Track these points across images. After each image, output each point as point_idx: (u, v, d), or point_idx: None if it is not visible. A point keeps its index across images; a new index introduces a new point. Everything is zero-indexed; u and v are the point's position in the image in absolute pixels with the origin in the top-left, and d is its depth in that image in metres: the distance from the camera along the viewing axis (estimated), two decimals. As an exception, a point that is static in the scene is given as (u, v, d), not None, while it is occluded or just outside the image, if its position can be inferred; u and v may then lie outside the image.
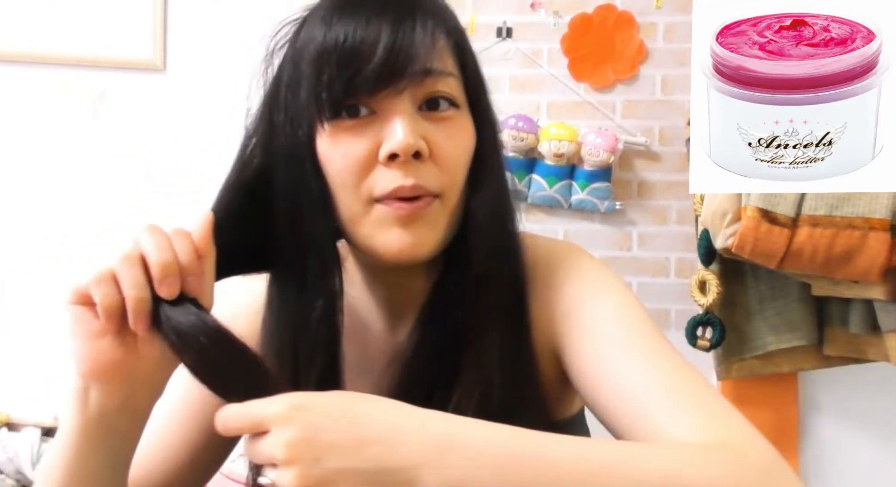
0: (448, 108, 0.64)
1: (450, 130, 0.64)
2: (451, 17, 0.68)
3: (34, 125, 2.02)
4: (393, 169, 0.61)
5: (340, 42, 0.61)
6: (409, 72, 0.61)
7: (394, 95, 0.61)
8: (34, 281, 2.00)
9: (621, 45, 1.99)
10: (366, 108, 0.62)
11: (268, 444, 0.47)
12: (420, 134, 0.61)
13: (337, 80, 0.60)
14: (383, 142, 0.61)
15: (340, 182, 0.62)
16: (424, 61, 0.61)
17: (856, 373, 1.84)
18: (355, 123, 0.62)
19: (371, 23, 0.61)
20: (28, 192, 2.03)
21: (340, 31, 0.61)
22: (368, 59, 0.60)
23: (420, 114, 0.62)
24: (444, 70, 0.63)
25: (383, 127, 0.61)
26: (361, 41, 0.60)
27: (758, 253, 1.57)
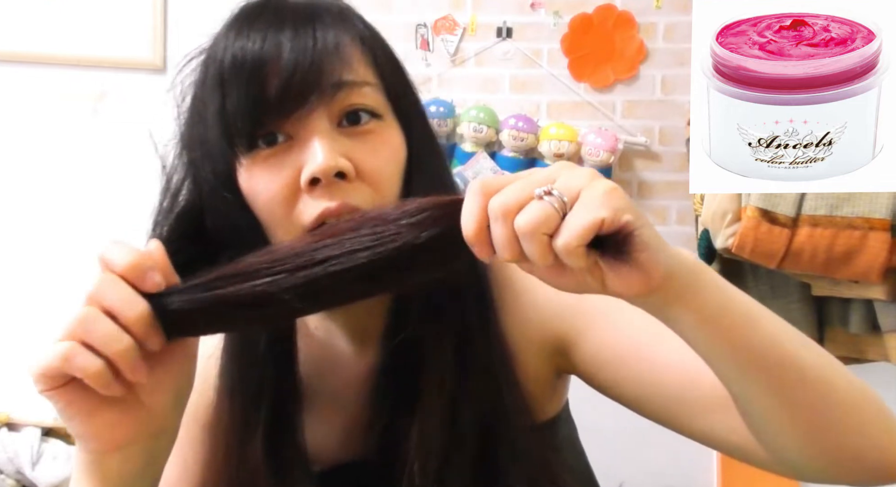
0: (370, 121, 0.59)
1: (375, 144, 0.59)
2: (357, 20, 0.64)
3: (34, 125, 2.02)
4: (318, 194, 0.56)
5: (238, 66, 0.56)
6: (318, 88, 0.56)
7: (306, 115, 0.56)
8: (34, 281, 2.00)
9: (621, 45, 1.99)
10: (282, 134, 0.57)
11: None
12: (342, 152, 0.57)
13: (241, 110, 0.56)
14: (303, 167, 0.56)
15: (269, 216, 0.58)
16: (333, 74, 0.57)
17: (856, 373, 1.83)
18: (273, 152, 0.57)
19: (268, 40, 0.57)
20: (28, 192, 2.03)
21: (237, 52, 0.57)
22: (270, 81, 0.56)
23: (340, 131, 0.58)
24: (356, 80, 0.59)
25: (302, 151, 0.57)
26: (259, 62, 0.56)
27: (758, 254, 1.57)
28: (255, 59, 0.56)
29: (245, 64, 0.56)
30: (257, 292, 0.46)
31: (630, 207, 0.43)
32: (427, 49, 2.00)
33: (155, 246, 0.50)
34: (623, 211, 0.42)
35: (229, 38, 0.58)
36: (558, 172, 0.45)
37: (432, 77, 2.00)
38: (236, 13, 0.61)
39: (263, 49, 0.56)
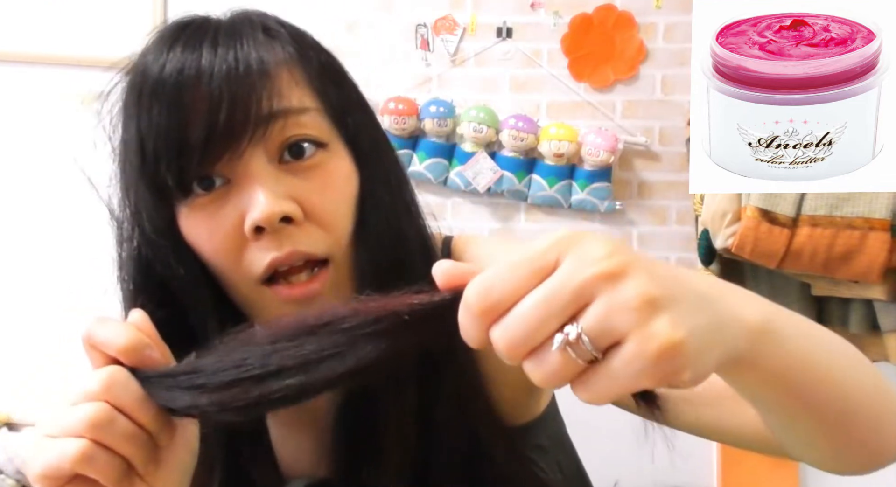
0: (314, 151, 0.53)
1: (322, 179, 0.53)
2: (287, 32, 0.56)
3: (34, 125, 2.02)
4: (264, 243, 0.51)
5: (157, 99, 0.50)
6: (247, 123, 0.49)
7: (239, 157, 0.50)
8: (34, 281, 2.00)
9: (621, 45, 1.99)
10: (218, 177, 0.51)
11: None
12: (286, 193, 0.51)
13: (165, 158, 0.50)
14: (245, 214, 0.50)
15: (217, 267, 0.53)
16: (263, 104, 0.50)
17: (856, 373, 1.84)
18: (211, 197, 0.52)
19: (186, 70, 0.50)
20: (28, 192, 2.03)
21: (154, 70, 0.51)
22: (192, 121, 0.49)
23: (281, 168, 0.52)
24: (291, 107, 0.52)
25: (241, 195, 0.51)
26: (180, 87, 0.49)
27: (758, 253, 1.57)
28: (173, 89, 0.49)
29: (162, 99, 0.50)
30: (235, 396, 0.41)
31: (690, 361, 0.32)
32: (427, 49, 2.00)
33: (140, 317, 0.46)
34: (681, 371, 0.32)
35: (147, 63, 0.52)
36: (585, 288, 0.32)
37: (432, 77, 2.00)
38: (157, 34, 0.55)
39: (184, 74, 0.49)
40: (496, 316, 0.33)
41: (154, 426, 0.43)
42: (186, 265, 0.54)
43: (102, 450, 0.42)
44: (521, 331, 0.32)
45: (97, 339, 0.44)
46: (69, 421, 0.42)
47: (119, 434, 0.42)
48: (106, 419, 0.42)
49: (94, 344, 0.44)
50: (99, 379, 0.43)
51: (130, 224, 0.57)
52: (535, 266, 0.33)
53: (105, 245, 0.58)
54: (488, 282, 0.33)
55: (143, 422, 0.43)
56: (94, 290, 1.92)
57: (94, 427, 0.41)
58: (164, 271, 0.54)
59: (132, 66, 0.55)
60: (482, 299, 0.33)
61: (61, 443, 0.41)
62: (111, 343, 0.44)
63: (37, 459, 0.42)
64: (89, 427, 0.41)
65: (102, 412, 0.42)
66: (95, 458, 0.41)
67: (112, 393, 0.42)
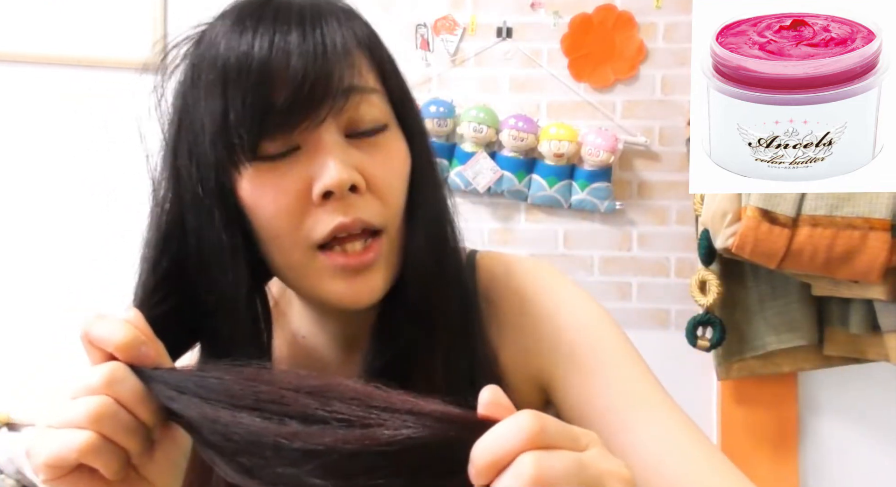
0: (377, 131, 0.57)
1: (383, 156, 0.57)
2: (362, 21, 0.60)
3: (34, 125, 2.02)
4: (330, 208, 0.54)
5: (243, 71, 0.53)
6: (329, 96, 0.53)
7: (315, 125, 0.54)
8: (34, 281, 2.00)
9: (621, 45, 1.99)
10: (287, 144, 0.54)
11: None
12: (353, 164, 0.54)
13: (247, 119, 0.53)
14: (315, 180, 0.54)
15: (274, 230, 0.55)
16: (343, 80, 0.54)
17: (856, 373, 1.84)
18: (278, 163, 0.54)
19: (276, 44, 0.53)
20: (27, 192, 2.03)
21: (241, 56, 0.53)
22: (278, 89, 0.52)
23: (349, 142, 0.56)
24: (366, 86, 0.56)
25: (311, 162, 0.54)
26: (266, 67, 0.52)
27: (758, 254, 1.57)
28: (261, 65, 0.52)
29: (251, 69, 0.53)
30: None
31: None
32: (427, 49, 2.00)
33: (135, 315, 0.47)
34: None
35: (229, 38, 0.55)
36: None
37: (432, 77, 2.00)
38: (234, 11, 0.58)
39: (271, 54, 0.53)
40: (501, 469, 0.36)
41: (151, 420, 0.45)
42: (230, 231, 0.55)
43: (105, 442, 0.43)
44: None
45: (95, 335, 0.46)
46: (74, 413, 0.43)
47: (120, 426, 0.44)
48: (109, 411, 0.43)
49: (91, 340, 0.46)
50: (100, 373, 0.44)
51: (176, 192, 0.57)
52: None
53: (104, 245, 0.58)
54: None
55: (141, 417, 0.45)
56: (94, 290, 1.93)
57: (97, 419, 0.43)
58: (203, 239, 0.55)
59: (203, 39, 0.58)
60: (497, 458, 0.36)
61: (67, 434, 0.43)
62: (108, 339, 0.45)
63: (42, 448, 0.43)
64: (93, 418, 0.43)
65: (105, 405, 0.43)
66: (99, 449, 0.43)
67: (113, 388, 0.44)
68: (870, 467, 1.94)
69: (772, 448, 1.91)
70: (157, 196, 0.59)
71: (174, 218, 0.57)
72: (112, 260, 1.98)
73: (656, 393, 0.60)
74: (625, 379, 0.59)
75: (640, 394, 0.59)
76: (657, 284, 2.01)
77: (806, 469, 1.94)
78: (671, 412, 0.58)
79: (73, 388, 0.45)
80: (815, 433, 1.95)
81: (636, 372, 0.60)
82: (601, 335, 0.62)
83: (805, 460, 1.94)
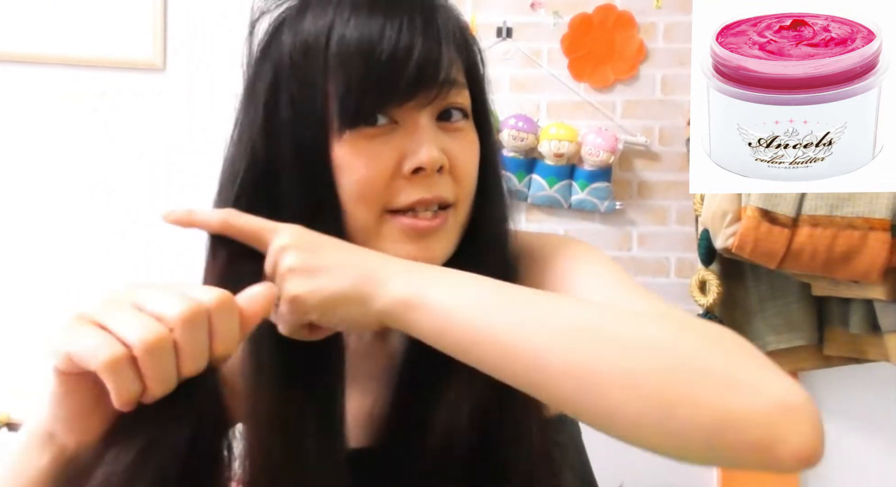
0: (460, 120, 0.63)
1: (463, 142, 0.63)
2: (459, 18, 0.66)
3: (34, 125, 2.02)
4: (416, 182, 0.59)
5: (376, 45, 0.57)
6: (437, 83, 0.59)
7: (419, 107, 0.59)
8: (34, 281, 2.00)
9: (621, 45, 1.99)
10: (386, 118, 0.59)
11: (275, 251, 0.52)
12: (441, 147, 0.60)
13: (368, 89, 0.58)
14: (408, 155, 0.59)
15: (358, 192, 0.60)
16: (450, 71, 0.60)
17: (856, 373, 1.84)
18: (376, 132, 0.59)
19: (405, 25, 0.58)
20: (27, 192, 2.02)
21: (374, 30, 0.58)
22: (403, 68, 0.57)
23: (437, 125, 0.61)
24: (460, 80, 0.63)
25: (406, 139, 0.59)
26: (397, 46, 0.57)
27: (758, 254, 1.57)
28: (392, 46, 0.57)
29: (382, 48, 0.57)
30: None
31: (312, 309, 0.52)
32: (427, 49, 2.00)
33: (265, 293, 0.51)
34: (306, 313, 0.53)
35: (359, 15, 0.58)
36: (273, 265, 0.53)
37: (432, 77, 2.00)
38: None
39: (400, 38, 0.57)
40: None
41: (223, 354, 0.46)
42: (315, 186, 0.60)
43: (130, 369, 0.42)
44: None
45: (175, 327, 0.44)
46: (168, 303, 0.43)
47: (163, 367, 0.43)
48: (196, 320, 0.44)
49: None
50: (213, 294, 0.45)
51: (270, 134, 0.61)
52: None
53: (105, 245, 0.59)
54: None
55: (219, 352, 0.46)
56: (94, 290, 1.93)
57: (184, 322, 0.43)
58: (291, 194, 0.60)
59: (316, 10, 0.61)
60: None
61: (149, 321, 0.43)
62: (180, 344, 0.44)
63: (122, 317, 0.43)
64: (183, 319, 0.43)
65: (158, 336, 0.42)
66: (122, 370, 0.42)
67: (216, 314, 0.45)
68: (870, 467, 1.94)
69: (772, 448, 1.90)
70: (241, 141, 0.62)
71: (265, 165, 0.61)
72: (112, 261, 1.98)
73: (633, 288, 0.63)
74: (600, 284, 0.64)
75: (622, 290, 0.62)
76: (657, 284, 2.01)
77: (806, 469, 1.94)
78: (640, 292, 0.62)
79: (176, 289, 0.45)
80: (815, 433, 1.94)
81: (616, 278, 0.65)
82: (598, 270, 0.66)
83: (805, 460, 1.94)
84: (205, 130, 1.97)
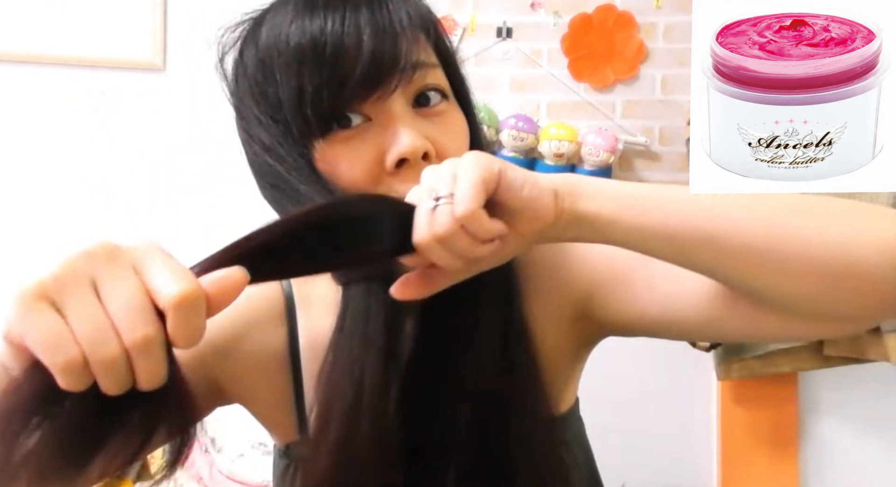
0: (440, 101, 0.61)
1: (447, 125, 0.61)
2: (420, 1, 0.64)
3: (34, 125, 2.02)
4: (403, 175, 0.57)
5: (319, 45, 0.55)
6: (398, 70, 0.56)
7: (386, 97, 0.57)
8: (34, 282, 2.00)
9: (621, 45, 1.99)
10: (358, 116, 0.58)
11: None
12: (422, 133, 0.58)
13: (323, 94, 0.56)
14: (388, 148, 0.57)
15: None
16: (411, 55, 0.58)
17: (856, 373, 1.84)
18: (351, 133, 0.58)
19: (347, 22, 0.56)
20: (27, 192, 2.03)
21: (315, 33, 0.56)
22: (353, 63, 0.55)
23: (415, 112, 0.59)
24: (429, 61, 0.60)
25: (382, 133, 0.57)
26: (341, 41, 0.55)
27: (758, 253, 1.57)
28: (336, 42, 0.55)
29: (325, 46, 0.55)
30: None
31: (496, 159, 0.48)
32: (427, 49, 2.00)
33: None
34: (492, 163, 0.47)
35: (301, 17, 0.57)
36: (427, 176, 0.49)
37: (432, 77, 2.00)
38: None
39: (343, 32, 0.55)
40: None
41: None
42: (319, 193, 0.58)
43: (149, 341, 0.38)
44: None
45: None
46: (127, 305, 0.38)
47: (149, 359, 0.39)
48: (152, 338, 0.38)
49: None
50: (175, 291, 0.39)
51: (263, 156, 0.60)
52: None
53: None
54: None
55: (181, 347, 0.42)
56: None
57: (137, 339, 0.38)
58: (294, 202, 0.59)
59: (271, 21, 0.59)
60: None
61: (104, 328, 0.38)
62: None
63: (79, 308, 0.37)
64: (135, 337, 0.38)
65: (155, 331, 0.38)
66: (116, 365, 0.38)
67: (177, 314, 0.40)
68: (870, 467, 1.94)
69: (772, 448, 1.90)
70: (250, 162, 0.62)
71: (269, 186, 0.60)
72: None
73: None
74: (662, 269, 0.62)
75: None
76: (657, 284, 2.01)
77: (806, 469, 1.94)
78: None
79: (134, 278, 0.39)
80: (814, 433, 1.95)
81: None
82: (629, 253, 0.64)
83: (805, 460, 1.94)
84: (205, 130, 1.97)
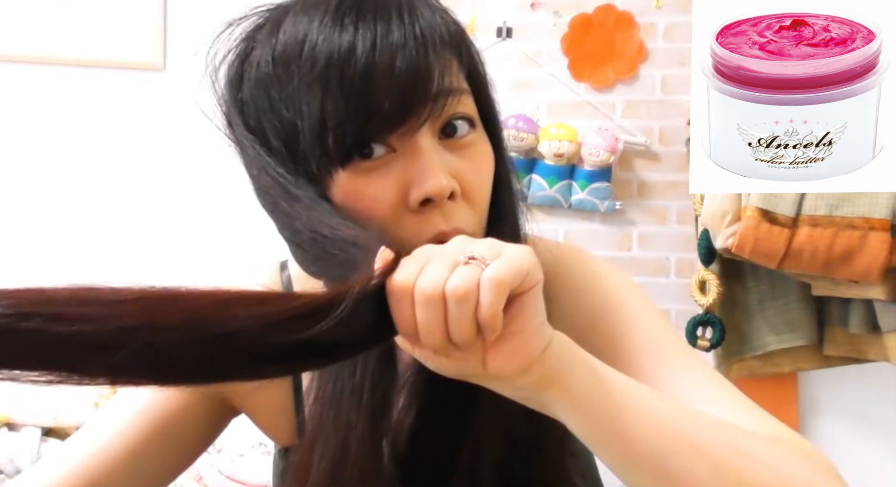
0: (468, 132, 0.55)
1: (473, 159, 0.55)
2: (451, 14, 0.57)
3: (34, 125, 2.02)
4: (427, 214, 0.52)
5: (348, 67, 0.49)
6: (429, 100, 0.51)
7: (414, 129, 0.51)
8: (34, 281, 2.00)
9: (621, 45, 1.99)
10: (382, 147, 0.52)
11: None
12: (449, 170, 0.52)
13: (348, 123, 0.50)
14: (412, 185, 0.51)
15: None
16: (443, 82, 0.52)
17: (856, 373, 1.84)
18: (372, 165, 0.52)
19: (380, 34, 0.50)
20: (27, 192, 2.03)
21: (344, 46, 0.50)
22: (383, 92, 0.50)
23: (442, 144, 0.53)
24: (460, 87, 0.54)
25: (407, 167, 0.52)
26: (373, 65, 0.49)
27: (758, 254, 1.57)
28: (366, 66, 0.49)
29: (356, 70, 0.49)
30: None
31: (541, 269, 0.44)
32: (427, 49, 2.00)
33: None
34: (539, 270, 0.43)
35: (328, 27, 0.51)
36: (468, 242, 0.44)
37: (432, 77, 2.00)
38: (326, 2, 0.52)
39: (375, 54, 0.49)
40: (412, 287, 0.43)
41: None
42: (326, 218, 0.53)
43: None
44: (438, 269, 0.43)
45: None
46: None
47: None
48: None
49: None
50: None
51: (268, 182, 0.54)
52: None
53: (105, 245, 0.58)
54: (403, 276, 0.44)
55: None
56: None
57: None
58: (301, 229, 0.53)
59: (287, 27, 0.53)
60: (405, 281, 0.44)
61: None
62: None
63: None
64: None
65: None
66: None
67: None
68: (870, 467, 1.94)
69: (772, 448, 1.90)
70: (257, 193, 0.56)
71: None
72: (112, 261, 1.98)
73: (683, 348, 0.61)
74: (652, 335, 0.60)
75: (668, 349, 0.60)
76: (657, 284, 2.01)
77: (806, 469, 1.94)
78: (698, 364, 0.60)
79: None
80: (815, 433, 1.95)
81: (661, 329, 0.61)
82: (632, 314, 0.62)
83: (805, 460, 1.94)
84: (205, 130, 1.97)
